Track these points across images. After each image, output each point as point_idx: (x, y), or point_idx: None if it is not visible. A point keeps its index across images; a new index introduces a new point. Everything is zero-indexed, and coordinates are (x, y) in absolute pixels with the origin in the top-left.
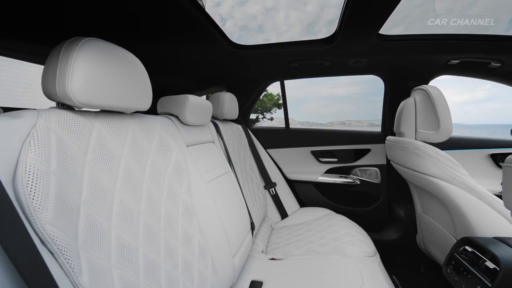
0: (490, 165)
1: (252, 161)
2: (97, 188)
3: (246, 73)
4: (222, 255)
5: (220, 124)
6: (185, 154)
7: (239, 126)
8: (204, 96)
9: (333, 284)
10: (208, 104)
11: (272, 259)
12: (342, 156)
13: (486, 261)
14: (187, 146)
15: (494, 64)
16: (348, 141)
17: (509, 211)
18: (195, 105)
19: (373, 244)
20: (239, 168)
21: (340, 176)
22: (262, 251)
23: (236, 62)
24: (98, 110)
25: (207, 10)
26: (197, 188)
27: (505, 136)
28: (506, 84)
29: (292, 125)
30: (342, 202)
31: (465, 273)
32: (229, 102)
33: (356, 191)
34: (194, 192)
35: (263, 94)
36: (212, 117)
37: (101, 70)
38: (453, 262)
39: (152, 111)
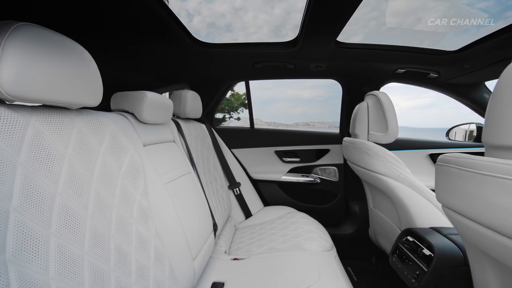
0: (429, 164)
1: (216, 161)
2: (32, 192)
3: (211, 71)
4: (182, 258)
5: (182, 123)
6: (141, 154)
7: (203, 126)
8: (167, 94)
9: (292, 280)
10: (169, 101)
11: (235, 259)
12: (304, 156)
13: (423, 249)
14: (144, 146)
15: (433, 75)
16: (310, 141)
17: (441, 204)
18: (154, 102)
19: (330, 239)
20: (202, 168)
21: (302, 175)
22: (225, 252)
23: (200, 60)
24: (38, 104)
25: (171, 4)
26: (155, 190)
27: (442, 138)
28: (443, 93)
29: (259, 126)
30: (304, 200)
31: (407, 260)
32: (192, 101)
33: (316, 189)
34: (151, 194)
35: (230, 94)
36: (174, 115)
37: (39, 59)
38: (397, 252)
39: (106, 108)
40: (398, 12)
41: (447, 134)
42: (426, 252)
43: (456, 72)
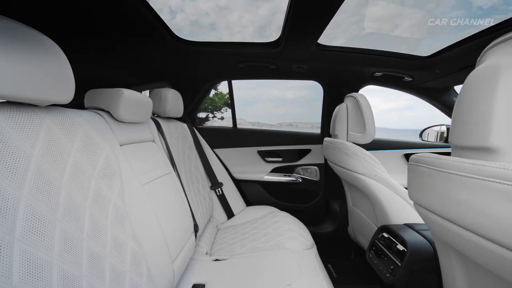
0: (404, 163)
1: (197, 161)
2: None
3: (193, 70)
4: (160, 261)
5: (162, 122)
6: (117, 154)
7: (184, 125)
8: (147, 92)
9: (274, 279)
10: (147, 100)
11: (217, 260)
12: (286, 155)
13: (397, 244)
14: (121, 145)
15: (407, 78)
16: (292, 141)
17: (413, 202)
18: (131, 100)
19: (311, 237)
20: (183, 169)
21: (284, 175)
22: (207, 253)
23: (182, 58)
24: (2, 100)
25: (153, 1)
26: (132, 191)
27: (416, 139)
28: (417, 96)
29: (243, 126)
30: (286, 200)
31: (382, 256)
32: (173, 99)
33: (298, 189)
34: (128, 196)
35: (213, 93)
36: (154, 114)
37: (2, 51)
38: (374, 248)
39: (81, 106)
40: (377, 18)
41: (420, 135)
42: (400, 247)
43: (428, 76)
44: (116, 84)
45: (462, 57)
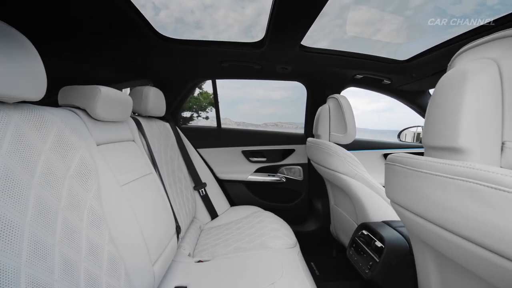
0: (383, 163)
1: (180, 161)
2: None
3: (176, 68)
4: (139, 264)
5: (143, 121)
6: (94, 154)
7: (167, 124)
8: (128, 90)
9: (256, 278)
10: (127, 98)
11: (199, 261)
12: (270, 155)
13: (376, 241)
14: (98, 145)
15: (386, 81)
16: (276, 141)
17: (390, 200)
18: (109, 98)
19: (294, 236)
20: (166, 169)
21: (269, 175)
22: (189, 254)
23: (164, 55)
24: None
25: None
26: (110, 192)
27: (395, 139)
28: (395, 98)
29: (229, 126)
30: (270, 199)
31: (362, 253)
32: (154, 98)
33: (282, 188)
34: (105, 197)
35: (198, 92)
36: (135, 113)
37: None
38: (354, 245)
39: (54, 104)
40: (358, 22)
41: (399, 136)
42: (378, 244)
43: (405, 79)
44: (94, 81)
45: (436, 62)
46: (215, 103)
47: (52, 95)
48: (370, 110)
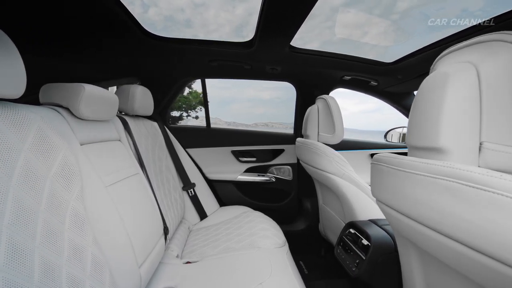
0: (370, 163)
1: (169, 161)
2: None
3: (164, 67)
4: (125, 267)
5: (129, 120)
6: (77, 154)
7: (155, 124)
8: (115, 88)
9: (245, 278)
10: (113, 96)
11: (187, 262)
12: (260, 155)
13: (362, 239)
14: (82, 145)
15: (373, 83)
16: (266, 141)
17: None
18: (94, 96)
19: (283, 236)
20: (153, 169)
21: (258, 175)
22: (177, 256)
23: (152, 53)
24: None
25: None
26: (94, 193)
27: (382, 140)
28: (382, 100)
29: (219, 125)
30: (260, 199)
31: (349, 251)
32: (142, 97)
33: (272, 188)
34: (89, 198)
35: (187, 91)
36: (122, 112)
37: None
38: (341, 243)
39: (35, 102)
40: (347, 24)
41: (385, 136)
42: (365, 242)
43: (391, 81)
44: (78, 79)
45: (420, 64)
46: (204, 103)
47: (33, 93)
48: (359, 111)
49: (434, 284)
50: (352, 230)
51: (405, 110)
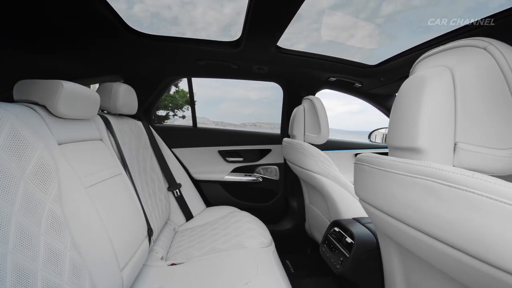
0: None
1: (154, 161)
2: None
3: (149, 64)
4: (106, 270)
5: (112, 119)
6: (55, 154)
7: (139, 123)
8: (97, 86)
9: (231, 279)
10: (93, 94)
11: (172, 264)
12: (247, 155)
13: (346, 237)
14: (60, 144)
15: (357, 84)
16: (253, 141)
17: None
18: (73, 94)
19: (270, 235)
20: (137, 169)
21: (245, 175)
22: (162, 258)
23: (136, 51)
24: None
25: None
26: (73, 194)
27: (366, 140)
28: (366, 101)
29: (207, 125)
30: (247, 199)
31: (334, 249)
32: (125, 95)
33: (259, 188)
34: (68, 200)
35: (174, 90)
36: (104, 111)
37: None
38: (326, 242)
39: (9, 99)
40: (333, 27)
41: (369, 136)
42: (349, 240)
43: (375, 83)
44: (58, 75)
45: (402, 67)
46: (190, 102)
47: (7, 90)
48: (345, 112)
49: (413, 279)
50: (336, 229)
51: (388, 111)
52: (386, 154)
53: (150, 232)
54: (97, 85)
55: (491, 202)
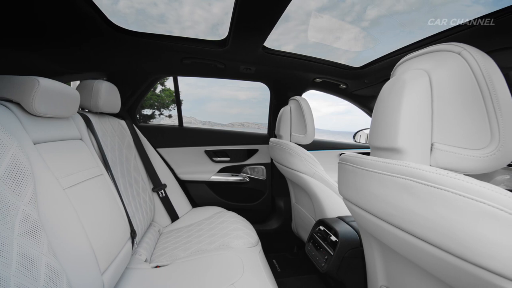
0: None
1: (138, 161)
2: None
3: (133, 62)
4: (86, 275)
5: (93, 118)
6: (30, 154)
7: (122, 122)
8: (77, 83)
9: (217, 279)
10: (73, 92)
11: (157, 266)
12: (234, 155)
13: (331, 236)
14: (36, 144)
15: (342, 86)
16: (240, 141)
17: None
18: (50, 91)
19: (256, 235)
20: (120, 170)
21: (232, 175)
22: (146, 260)
23: (119, 48)
24: None
25: None
26: (50, 196)
27: (351, 140)
28: (350, 102)
29: (193, 125)
30: (233, 199)
31: (319, 247)
32: (107, 93)
33: (245, 188)
34: (44, 202)
35: (160, 89)
36: (84, 109)
37: None
38: (312, 240)
39: None
40: (319, 29)
41: (354, 137)
42: (333, 238)
43: (359, 85)
44: (35, 72)
45: (384, 70)
46: (176, 101)
47: None
48: (331, 113)
49: (393, 274)
50: (321, 227)
51: (371, 112)
52: (369, 154)
53: (133, 234)
54: (77, 83)
55: (464, 200)
